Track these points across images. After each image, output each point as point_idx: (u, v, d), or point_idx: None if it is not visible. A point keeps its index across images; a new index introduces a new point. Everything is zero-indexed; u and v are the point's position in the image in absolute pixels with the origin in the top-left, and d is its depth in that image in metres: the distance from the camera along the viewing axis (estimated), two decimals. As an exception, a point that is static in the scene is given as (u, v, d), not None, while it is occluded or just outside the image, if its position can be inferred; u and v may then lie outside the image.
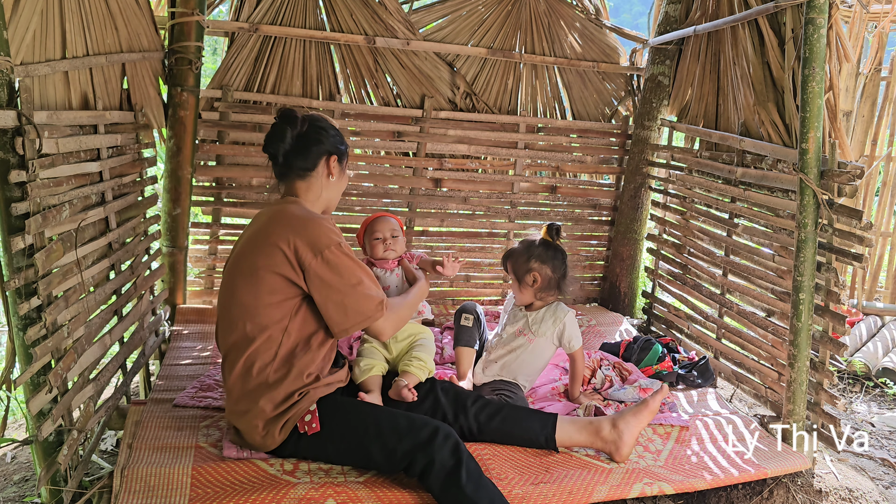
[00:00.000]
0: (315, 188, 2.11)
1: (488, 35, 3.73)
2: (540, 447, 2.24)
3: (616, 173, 4.07)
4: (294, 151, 2.07)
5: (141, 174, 2.85)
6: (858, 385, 3.66)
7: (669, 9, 3.70)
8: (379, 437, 1.94)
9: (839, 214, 2.37)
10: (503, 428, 2.21)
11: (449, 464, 1.87)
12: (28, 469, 2.50)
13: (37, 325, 1.85)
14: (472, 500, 1.84)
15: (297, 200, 2.09)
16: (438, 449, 1.88)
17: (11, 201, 1.79)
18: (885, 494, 2.54)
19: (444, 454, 1.87)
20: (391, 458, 1.93)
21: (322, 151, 2.10)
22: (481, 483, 1.88)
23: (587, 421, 2.26)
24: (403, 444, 1.91)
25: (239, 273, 1.99)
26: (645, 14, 3.96)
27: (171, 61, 3.07)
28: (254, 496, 1.85)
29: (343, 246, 1.99)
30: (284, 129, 2.06)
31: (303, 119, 2.10)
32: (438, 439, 1.89)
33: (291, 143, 2.06)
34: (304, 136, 2.08)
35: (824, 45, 2.36)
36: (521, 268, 2.56)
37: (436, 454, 1.87)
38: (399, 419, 1.98)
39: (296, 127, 2.07)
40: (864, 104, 4.61)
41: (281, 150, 2.06)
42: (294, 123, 2.07)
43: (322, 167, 2.11)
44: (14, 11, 1.88)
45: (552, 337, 2.55)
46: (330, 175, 2.12)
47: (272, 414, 1.97)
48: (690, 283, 3.44)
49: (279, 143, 2.06)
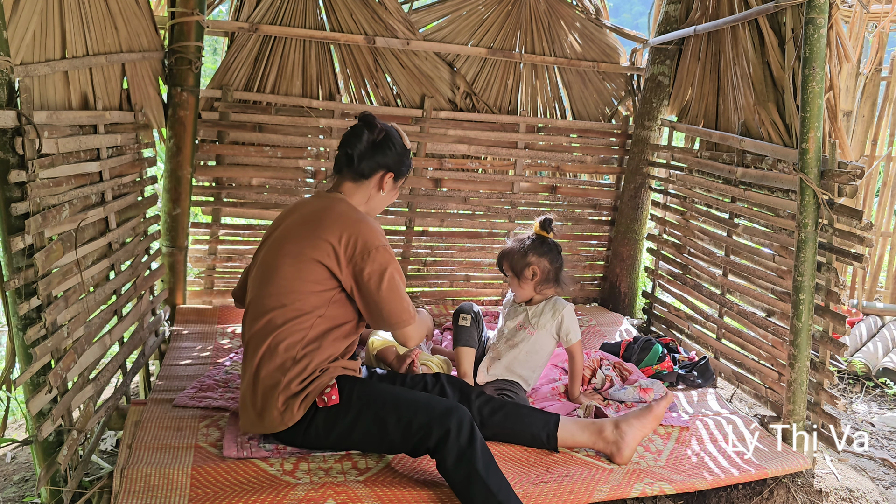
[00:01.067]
0: (362, 194, 2.19)
1: (488, 35, 3.73)
2: (541, 446, 2.24)
3: (616, 173, 4.06)
4: (360, 154, 2.15)
5: (141, 174, 2.84)
6: (858, 385, 3.66)
7: (669, 9, 3.70)
8: (396, 410, 1.98)
9: (839, 214, 2.37)
10: (505, 423, 2.23)
11: (464, 439, 1.89)
12: (28, 469, 2.50)
13: (37, 325, 1.85)
14: (482, 479, 1.85)
15: (345, 199, 2.15)
16: (455, 423, 1.90)
17: (11, 201, 1.79)
18: (886, 494, 2.54)
19: (460, 429, 1.90)
20: (407, 429, 1.95)
21: (382, 165, 2.18)
22: (492, 465, 1.90)
23: (590, 421, 2.27)
24: (420, 416, 1.94)
25: (284, 256, 2.04)
26: (645, 14, 3.96)
27: (171, 61, 3.07)
28: (253, 497, 1.85)
29: (389, 249, 2.06)
30: (362, 131, 2.16)
31: (381, 129, 2.19)
32: (455, 415, 1.92)
33: (363, 146, 2.15)
34: (375, 145, 2.16)
35: (824, 45, 2.36)
36: (518, 263, 2.57)
37: (452, 427, 1.89)
38: (417, 395, 2.05)
39: (373, 133, 2.16)
40: (865, 104, 4.61)
41: (354, 150, 2.14)
42: (372, 129, 2.17)
43: (376, 179, 2.18)
44: (14, 11, 1.88)
45: (552, 330, 2.55)
46: (381, 189, 2.20)
47: (295, 389, 1.99)
48: (690, 283, 3.43)
49: (355, 143, 2.15)
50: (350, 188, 2.18)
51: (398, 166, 2.21)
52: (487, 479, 1.86)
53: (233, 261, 3.53)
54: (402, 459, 2.12)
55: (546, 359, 2.62)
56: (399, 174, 2.23)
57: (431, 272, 3.85)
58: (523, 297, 2.62)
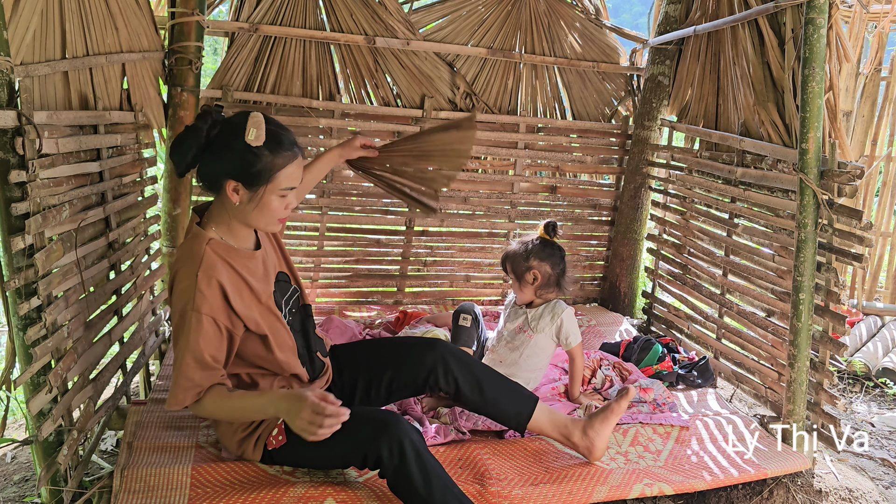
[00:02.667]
0: (223, 208, 1.88)
1: (488, 35, 3.73)
2: (506, 425, 2.23)
3: (616, 173, 4.07)
4: (189, 164, 1.81)
5: (141, 174, 2.85)
6: (858, 385, 3.66)
7: (669, 9, 3.70)
8: (329, 440, 1.73)
9: (839, 214, 2.37)
10: (483, 389, 2.15)
11: (396, 459, 1.80)
12: (28, 469, 2.50)
13: (37, 325, 1.85)
14: (422, 495, 1.79)
15: (193, 233, 1.88)
16: (384, 445, 1.80)
17: (11, 201, 1.79)
18: (885, 494, 2.54)
19: (391, 450, 1.80)
20: (345, 456, 1.89)
21: (220, 172, 1.81)
22: (432, 477, 1.81)
23: (562, 422, 2.22)
24: (353, 443, 1.84)
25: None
26: (645, 14, 3.96)
27: (171, 61, 3.07)
28: (253, 494, 1.85)
29: (189, 313, 1.76)
30: (185, 134, 1.80)
31: (209, 126, 1.79)
32: (383, 437, 1.81)
33: (190, 154, 1.80)
34: (205, 148, 1.80)
35: (824, 45, 2.36)
36: (520, 266, 2.58)
37: (382, 450, 1.80)
38: (354, 416, 1.77)
39: (198, 135, 1.78)
40: (864, 104, 4.61)
41: (177, 160, 1.80)
42: (197, 132, 1.78)
43: (226, 190, 1.82)
44: (14, 11, 1.88)
45: (550, 333, 2.55)
46: (235, 202, 1.83)
47: (243, 434, 1.98)
48: (690, 283, 3.44)
49: (176, 150, 1.80)
50: (214, 205, 1.89)
51: (239, 172, 1.78)
52: (428, 497, 1.79)
53: (233, 261, 3.53)
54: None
55: (547, 361, 2.62)
56: (249, 181, 1.79)
57: (431, 272, 3.85)
58: (524, 300, 2.62)
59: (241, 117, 1.79)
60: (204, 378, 1.78)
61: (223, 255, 1.85)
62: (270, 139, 1.79)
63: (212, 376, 1.79)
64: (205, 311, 1.76)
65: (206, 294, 1.77)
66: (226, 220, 1.89)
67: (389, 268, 3.81)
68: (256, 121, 1.77)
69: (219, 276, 1.81)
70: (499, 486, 2.02)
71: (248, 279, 1.89)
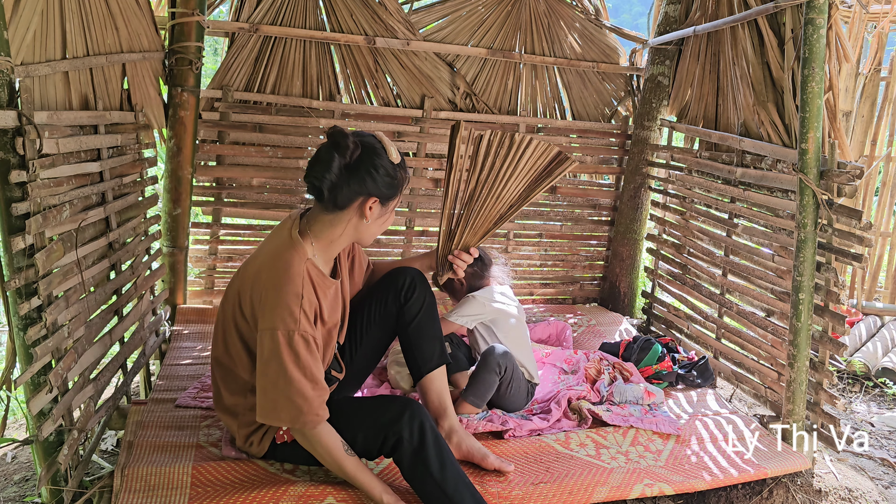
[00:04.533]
0: (339, 227, 1.90)
1: (488, 35, 3.73)
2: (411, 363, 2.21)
3: (616, 173, 4.07)
4: (331, 186, 1.82)
5: (141, 174, 2.85)
6: (858, 385, 3.67)
7: (669, 9, 3.70)
8: (349, 424, 1.89)
9: (839, 214, 2.38)
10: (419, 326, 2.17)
11: (416, 441, 1.84)
12: (28, 469, 2.50)
13: (37, 325, 1.85)
14: (436, 482, 1.83)
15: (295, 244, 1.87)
16: (405, 426, 1.84)
17: (12, 201, 1.79)
18: (885, 494, 2.55)
19: (409, 431, 1.84)
20: (365, 442, 1.90)
21: (360, 191, 1.85)
22: (448, 465, 1.86)
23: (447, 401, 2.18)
24: (374, 425, 1.88)
25: (229, 292, 1.98)
26: (645, 14, 3.97)
27: (172, 61, 3.07)
28: (253, 493, 1.86)
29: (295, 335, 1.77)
30: (331, 155, 1.80)
31: (354, 148, 1.81)
32: (405, 417, 1.86)
33: (333, 175, 1.81)
34: (349, 169, 1.82)
35: (824, 46, 2.36)
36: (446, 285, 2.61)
37: (403, 431, 1.84)
38: (366, 402, 1.99)
39: (344, 155, 1.81)
40: (864, 104, 4.61)
41: (322, 181, 1.81)
42: (343, 151, 1.80)
43: (355, 207, 1.87)
44: (14, 11, 1.88)
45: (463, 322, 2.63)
46: (364, 218, 1.89)
47: (251, 428, 2.00)
48: (690, 283, 3.44)
49: (322, 172, 1.81)
50: (323, 221, 1.89)
51: (384, 189, 1.87)
52: (442, 483, 1.83)
53: (233, 261, 3.53)
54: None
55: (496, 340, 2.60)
56: (387, 197, 1.90)
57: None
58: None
59: (374, 139, 1.87)
60: (316, 398, 1.80)
61: (314, 279, 1.88)
62: (402, 159, 1.93)
63: (323, 395, 1.82)
64: (310, 333, 1.80)
65: (309, 318, 1.82)
66: (331, 238, 1.92)
67: (389, 268, 3.80)
68: (388, 141, 1.88)
69: (313, 299, 1.86)
70: (499, 487, 2.03)
71: (322, 304, 1.93)
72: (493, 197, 2.11)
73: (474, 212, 2.11)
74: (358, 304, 2.25)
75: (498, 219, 2.13)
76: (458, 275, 2.18)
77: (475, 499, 1.87)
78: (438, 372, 2.18)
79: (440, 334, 2.23)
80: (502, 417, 2.40)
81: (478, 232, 2.14)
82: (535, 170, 2.11)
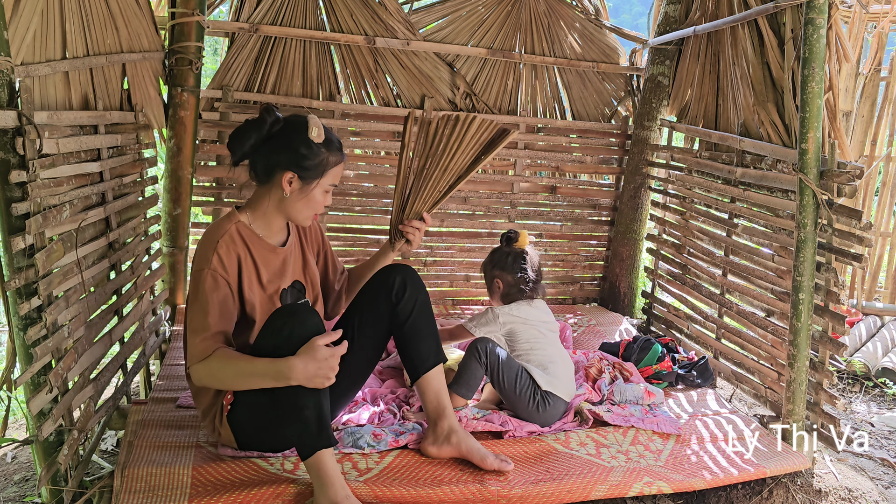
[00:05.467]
0: (267, 199, 2.00)
1: (488, 35, 3.73)
2: (408, 363, 2.16)
3: (616, 173, 4.07)
4: (245, 153, 1.95)
5: (141, 174, 2.85)
6: (858, 385, 3.67)
7: (669, 9, 3.70)
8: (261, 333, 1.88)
9: (839, 214, 2.38)
10: (413, 325, 2.14)
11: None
12: (28, 469, 2.50)
13: (37, 325, 1.85)
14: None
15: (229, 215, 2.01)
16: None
17: (12, 201, 1.79)
18: (885, 494, 2.55)
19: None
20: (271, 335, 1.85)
21: (277, 163, 1.94)
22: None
23: (446, 401, 2.14)
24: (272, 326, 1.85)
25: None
26: (645, 14, 3.97)
27: (172, 61, 3.07)
28: (254, 490, 1.86)
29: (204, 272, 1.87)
30: (248, 126, 1.94)
31: (273, 121, 1.95)
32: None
33: (250, 143, 1.94)
34: (266, 140, 1.94)
35: (824, 46, 2.36)
36: (487, 276, 2.65)
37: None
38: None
39: (261, 128, 1.93)
40: (864, 104, 4.62)
41: (235, 148, 1.95)
42: (261, 124, 1.93)
43: (278, 181, 1.95)
44: (14, 11, 1.88)
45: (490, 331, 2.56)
46: (285, 192, 1.96)
47: (210, 415, 2.02)
48: (690, 283, 3.44)
49: (236, 139, 1.95)
50: (256, 193, 2.02)
51: (301, 164, 1.92)
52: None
53: (233, 261, 3.53)
54: (402, 459, 2.12)
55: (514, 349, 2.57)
56: (307, 174, 1.94)
57: (431, 272, 3.85)
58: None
59: (299, 117, 1.96)
60: (217, 328, 1.85)
61: (245, 239, 1.98)
62: (326, 139, 1.97)
63: (224, 330, 1.87)
64: (220, 272, 1.88)
65: (223, 259, 1.90)
66: (263, 209, 2.02)
67: (389, 268, 3.80)
68: (316, 121, 1.95)
69: (238, 251, 1.94)
70: (499, 486, 2.03)
71: (260, 268, 2.01)
72: (441, 170, 2.24)
73: (424, 184, 2.24)
74: (349, 307, 2.26)
75: (448, 188, 2.25)
76: (412, 243, 2.23)
77: None
78: (435, 371, 2.15)
79: (435, 332, 2.20)
80: (502, 417, 2.40)
81: (427, 201, 2.25)
82: (480, 143, 2.27)
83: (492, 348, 2.41)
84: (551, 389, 2.41)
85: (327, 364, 1.74)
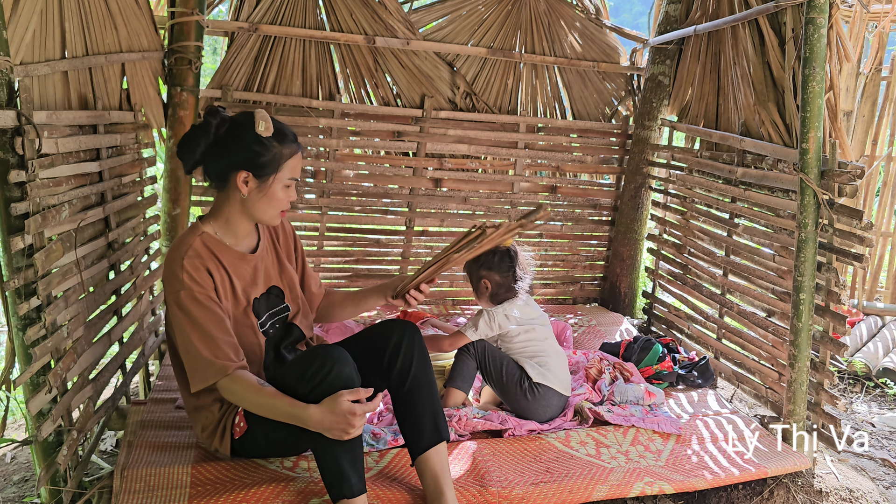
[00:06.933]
0: (229, 204, 1.95)
1: (488, 35, 3.72)
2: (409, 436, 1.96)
3: (616, 173, 4.06)
4: (197, 161, 1.90)
5: (140, 174, 2.84)
6: (859, 385, 3.66)
7: (669, 9, 3.70)
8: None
9: (839, 214, 2.37)
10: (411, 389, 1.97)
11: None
12: (28, 469, 2.50)
13: (36, 325, 1.85)
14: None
15: (193, 226, 1.95)
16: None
17: (11, 201, 1.79)
18: (886, 494, 2.54)
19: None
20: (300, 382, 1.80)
21: (231, 165, 1.88)
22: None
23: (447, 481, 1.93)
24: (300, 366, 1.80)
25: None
26: (645, 14, 3.96)
27: (171, 61, 3.07)
28: (254, 489, 1.86)
29: (181, 295, 1.82)
30: (195, 132, 1.89)
31: (219, 123, 1.88)
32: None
33: (200, 149, 1.88)
34: (215, 143, 1.89)
35: (824, 45, 2.36)
36: (473, 276, 2.60)
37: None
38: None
39: (207, 132, 1.87)
40: (865, 104, 4.61)
41: (186, 156, 1.89)
42: (206, 129, 1.87)
43: (233, 183, 1.90)
44: (14, 11, 1.88)
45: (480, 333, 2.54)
46: (243, 193, 1.90)
47: (210, 428, 1.98)
48: (691, 283, 3.43)
49: (186, 147, 1.89)
50: (217, 200, 1.97)
51: (254, 161, 1.87)
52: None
53: (233, 261, 3.53)
54: (401, 460, 2.12)
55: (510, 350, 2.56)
56: (261, 171, 1.88)
57: (431, 272, 3.84)
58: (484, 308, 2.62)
59: (246, 114, 1.90)
60: (224, 343, 1.82)
61: (213, 249, 1.93)
62: (277, 132, 1.90)
63: (231, 341, 1.84)
64: (196, 290, 1.83)
65: (194, 276, 1.85)
66: (225, 215, 1.96)
67: (389, 268, 3.80)
68: (263, 114, 1.88)
69: (207, 264, 1.89)
70: (499, 487, 2.02)
71: (233, 278, 1.95)
72: (463, 256, 2.18)
73: (445, 266, 2.15)
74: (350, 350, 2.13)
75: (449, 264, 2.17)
76: (409, 306, 2.15)
77: None
78: (434, 452, 1.92)
79: (437, 407, 1.97)
80: (501, 416, 2.40)
81: (431, 276, 2.17)
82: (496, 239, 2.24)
83: (482, 341, 2.46)
84: (543, 381, 2.42)
85: (346, 420, 1.68)
